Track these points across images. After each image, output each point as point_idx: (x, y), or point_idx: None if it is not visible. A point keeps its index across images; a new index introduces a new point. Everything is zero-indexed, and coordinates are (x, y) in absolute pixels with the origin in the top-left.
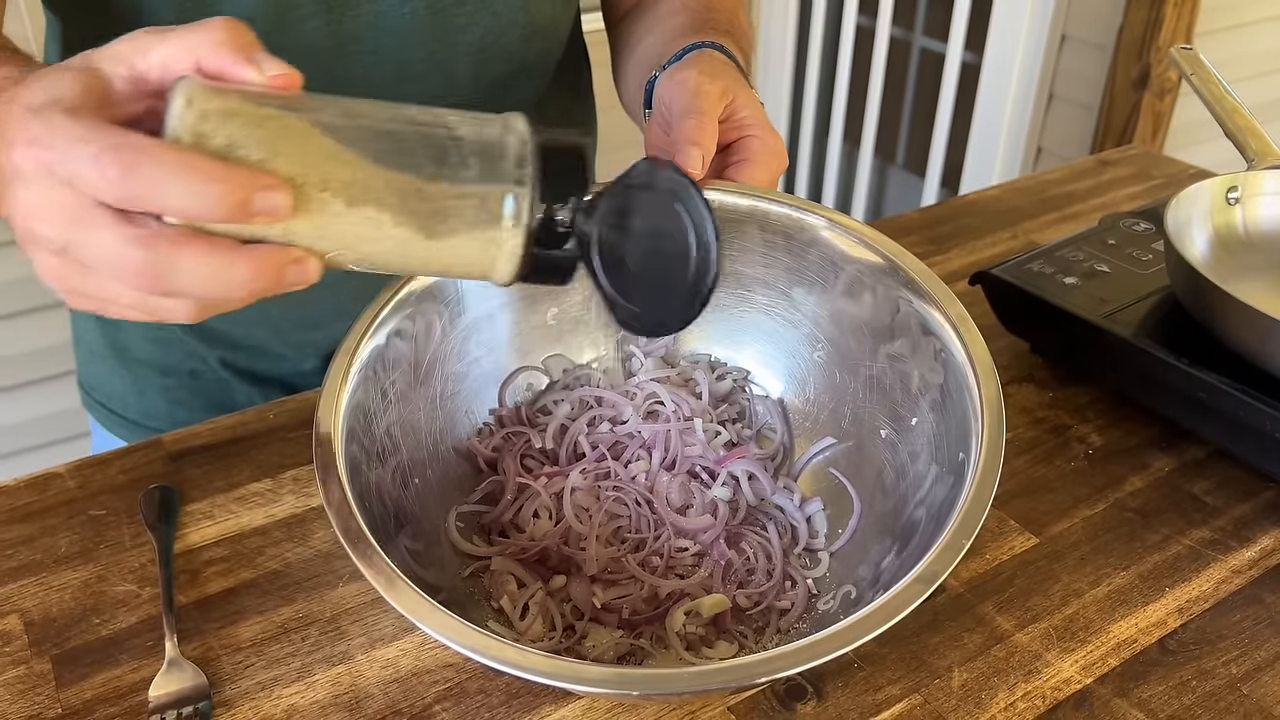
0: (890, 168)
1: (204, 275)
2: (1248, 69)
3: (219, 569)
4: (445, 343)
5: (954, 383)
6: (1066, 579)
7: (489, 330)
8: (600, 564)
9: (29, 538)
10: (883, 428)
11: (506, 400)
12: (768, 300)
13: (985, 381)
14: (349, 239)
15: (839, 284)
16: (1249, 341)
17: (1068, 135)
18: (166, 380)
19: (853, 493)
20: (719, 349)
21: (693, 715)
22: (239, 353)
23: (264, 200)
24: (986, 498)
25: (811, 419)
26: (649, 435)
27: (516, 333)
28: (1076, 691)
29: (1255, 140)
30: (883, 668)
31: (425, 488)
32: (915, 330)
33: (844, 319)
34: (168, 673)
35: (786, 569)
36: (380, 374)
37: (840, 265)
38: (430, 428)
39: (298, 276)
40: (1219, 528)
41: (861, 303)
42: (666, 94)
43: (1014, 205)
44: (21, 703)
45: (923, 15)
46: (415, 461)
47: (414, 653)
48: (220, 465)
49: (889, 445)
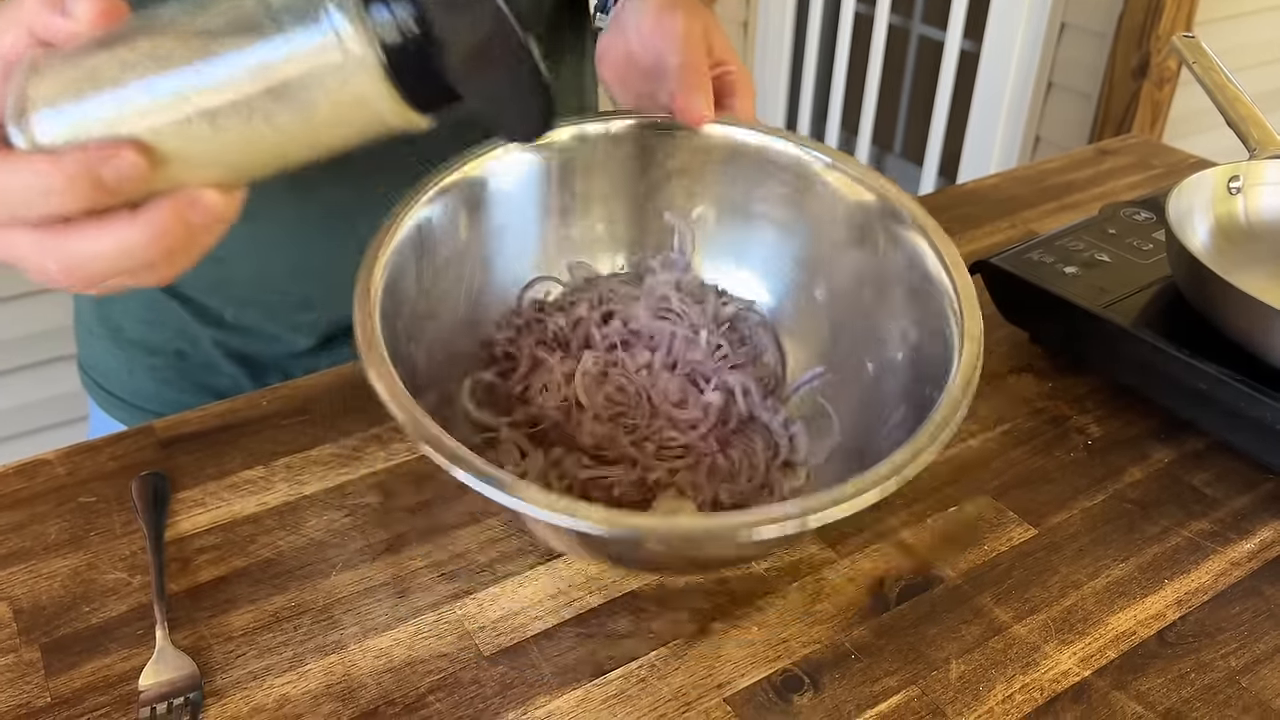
0: (888, 156)
1: (110, 256)
2: (1248, 58)
3: (210, 557)
4: (472, 241)
5: (934, 325)
6: (1065, 570)
7: (513, 238)
8: (594, 439)
9: (18, 525)
10: (870, 361)
11: (524, 306)
12: (776, 236)
13: (969, 317)
14: (226, 153)
15: (840, 223)
16: (1250, 332)
17: (1067, 124)
18: (154, 359)
19: (834, 417)
20: (725, 280)
21: (689, 705)
22: (232, 333)
23: (112, 170)
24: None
25: (807, 348)
26: (656, 335)
27: (541, 246)
28: (1075, 684)
29: (1257, 129)
30: (880, 659)
31: (447, 360)
32: (909, 273)
33: (844, 259)
34: (158, 661)
35: (768, 478)
36: (411, 259)
37: (840, 205)
38: (454, 316)
39: (205, 216)
40: (1218, 519)
41: (861, 244)
42: (655, 41)
43: (1013, 194)
44: (10, 691)
45: (921, 3)
46: (438, 340)
47: (407, 643)
48: (211, 452)
49: (873, 379)
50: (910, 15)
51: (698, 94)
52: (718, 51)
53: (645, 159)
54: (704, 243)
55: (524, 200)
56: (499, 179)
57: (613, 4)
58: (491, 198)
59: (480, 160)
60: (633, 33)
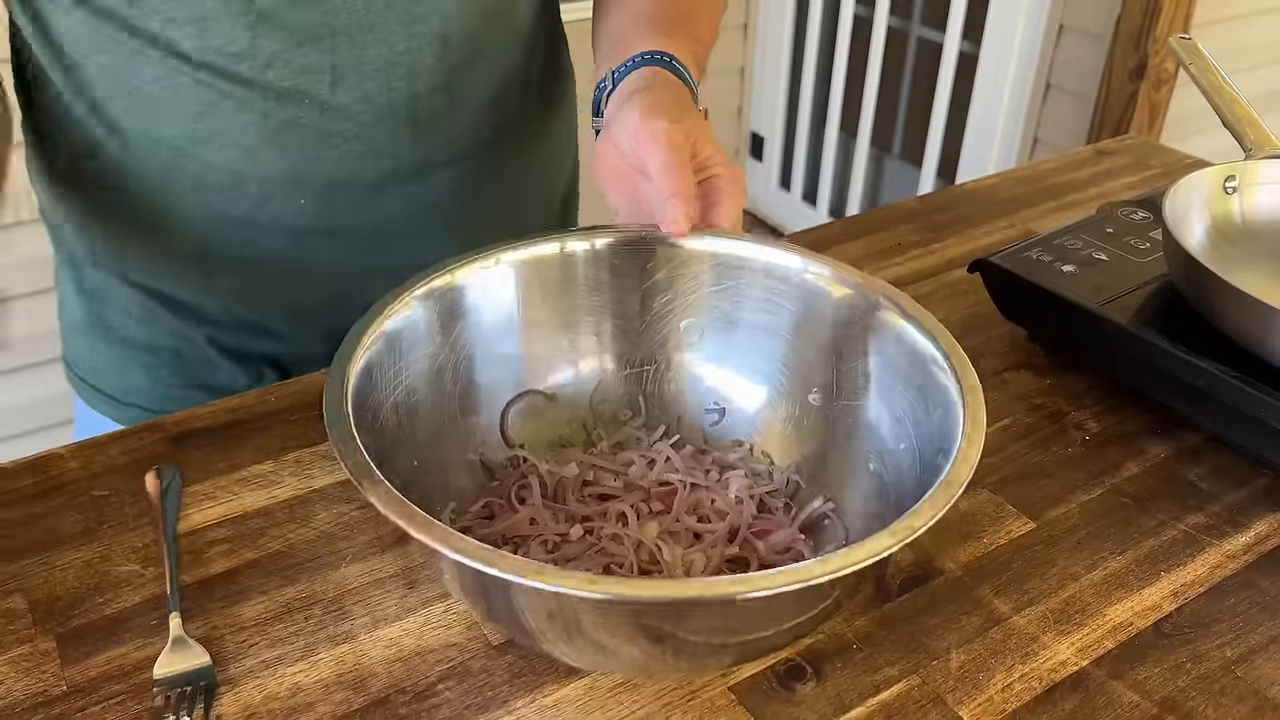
0: (887, 158)
1: None
2: (1245, 60)
3: (222, 549)
4: (452, 350)
5: (941, 416)
6: (1063, 563)
7: (497, 348)
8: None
9: (32, 518)
10: (871, 461)
11: (510, 420)
12: (766, 342)
13: (972, 403)
14: None
15: (827, 322)
16: (1246, 330)
17: (1065, 125)
18: (149, 357)
19: (840, 525)
20: (721, 386)
21: (694, 694)
22: (224, 331)
23: None
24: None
25: (803, 450)
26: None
27: (526, 356)
28: (1073, 673)
29: (1253, 130)
30: (881, 649)
31: (429, 472)
32: (898, 355)
33: (832, 357)
34: (172, 650)
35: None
36: (390, 358)
37: (825, 304)
38: (438, 420)
39: None
40: (1214, 513)
41: (847, 340)
42: (638, 146)
43: (1011, 194)
44: (27, 680)
45: (920, 5)
46: (419, 444)
47: (416, 632)
48: (221, 447)
49: (875, 475)
50: (909, 17)
51: (677, 204)
52: (705, 155)
53: (630, 271)
54: (695, 352)
55: (506, 311)
56: (476, 290)
57: (604, 106)
58: (471, 307)
59: (463, 269)
60: (619, 138)
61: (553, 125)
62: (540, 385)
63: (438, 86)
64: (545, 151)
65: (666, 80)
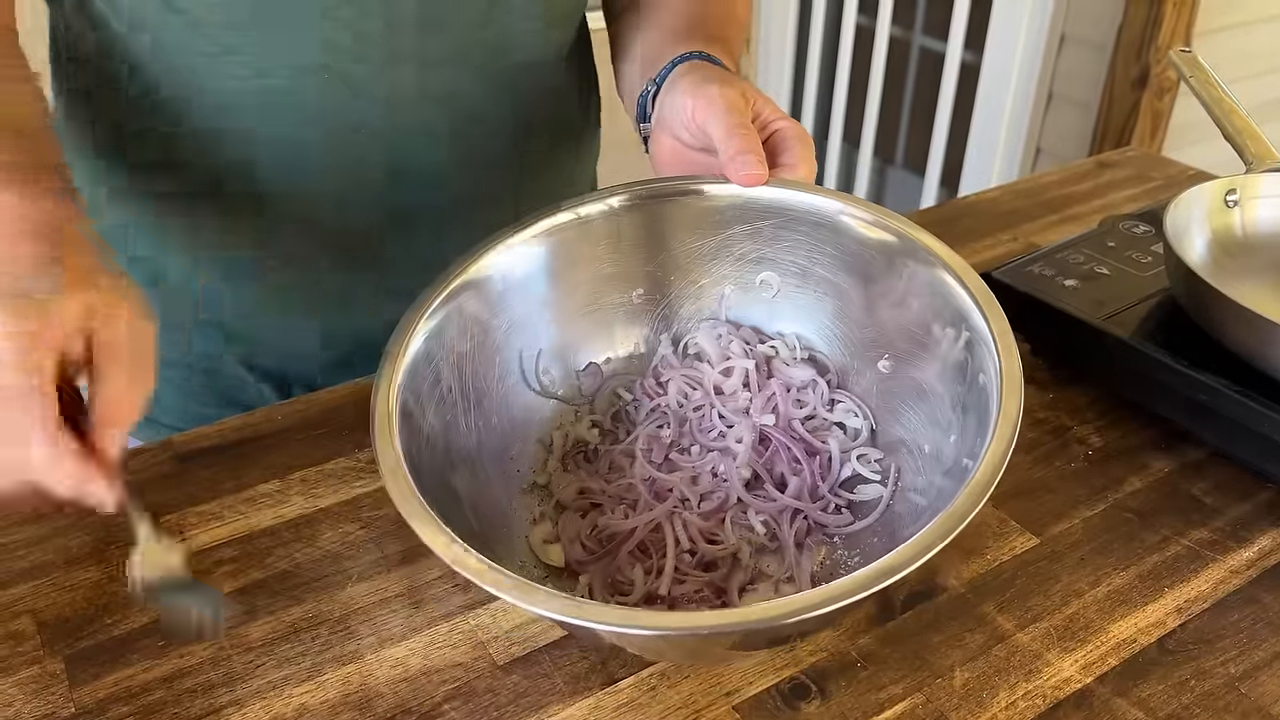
0: (889, 167)
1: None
2: (1248, 68)
3: (229, 569)
4: (490, 339)
5: (980, 397)
6: (1066, 579)
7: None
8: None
9: (40, 539)
10: (925, 442)
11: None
12: (836, 304)
13: (1008, 398)
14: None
15: (902, 292)
16: (1248, 344)
17: (1067, 135)
18: (176, 373)
19: (884, 494)
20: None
21: (699, 713)
22: (256, 348)
23: None
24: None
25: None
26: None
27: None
28: (1076, 691)
29: (1254, 143)
30: (885, 667)
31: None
32: (960, 346)
33: (906, 329)
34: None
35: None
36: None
37: (907, 273)
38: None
39: None
40: (1217, 528)
41: (913, 310)
42: (697, 118)
43: (1014, 207)
44: (36, 702)
45: (922, 14)
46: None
47: (423, 652)
48: (229, 467)
49: (917, 447)
50: (911, 27)
51: (747, 154)
52: (765, 115)
53: (690, 223)
54: (769, 308)
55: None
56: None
57: (651, 109)
58: (506, 290)
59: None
60: (675, 121)
61: (584, 126)
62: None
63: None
64: (575, 150)
65: (708, 66)
